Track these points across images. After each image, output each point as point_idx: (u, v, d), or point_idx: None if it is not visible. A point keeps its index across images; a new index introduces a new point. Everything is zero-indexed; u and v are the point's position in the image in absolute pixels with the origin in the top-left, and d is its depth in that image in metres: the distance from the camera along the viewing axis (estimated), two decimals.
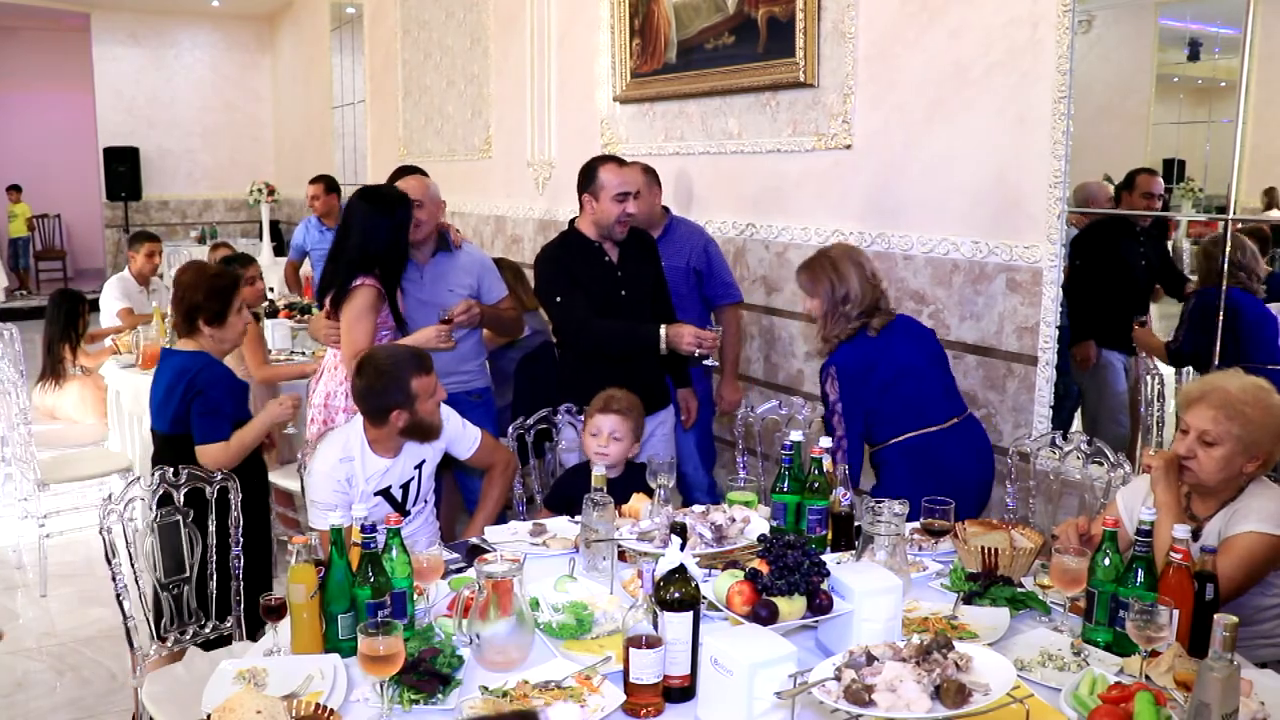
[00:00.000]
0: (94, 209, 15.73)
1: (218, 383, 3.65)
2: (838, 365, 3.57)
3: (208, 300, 3.70)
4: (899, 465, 3.60)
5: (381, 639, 2.11)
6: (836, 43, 4.83)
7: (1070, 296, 3.94)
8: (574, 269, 4.11)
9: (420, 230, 4.23)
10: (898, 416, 3.59)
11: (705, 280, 4.84)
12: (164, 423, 3.71)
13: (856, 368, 3.57)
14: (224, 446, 3.59)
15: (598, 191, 4.07)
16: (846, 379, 3.55)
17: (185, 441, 3.62)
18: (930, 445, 3.58)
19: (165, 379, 3.69)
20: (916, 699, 1.85)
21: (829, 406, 3.59)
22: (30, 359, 5.93)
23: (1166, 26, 4.04)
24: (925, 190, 4.47)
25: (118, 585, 2.98)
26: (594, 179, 4.08)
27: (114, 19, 14.82)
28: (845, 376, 3.55)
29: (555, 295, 4.10)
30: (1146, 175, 3.88)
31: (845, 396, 3.54)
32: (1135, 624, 2.16)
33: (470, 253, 4.52)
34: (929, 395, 3.64)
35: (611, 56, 6.48)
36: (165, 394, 3.68)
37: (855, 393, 3.55)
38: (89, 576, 4.88)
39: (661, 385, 4.32)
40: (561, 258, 4.15)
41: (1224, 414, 2.61)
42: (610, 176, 4.06)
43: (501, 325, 4.62)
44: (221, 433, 3.61)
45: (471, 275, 4.40)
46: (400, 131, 10.03)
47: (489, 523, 3.45)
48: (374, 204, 4.02)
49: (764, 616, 2.25)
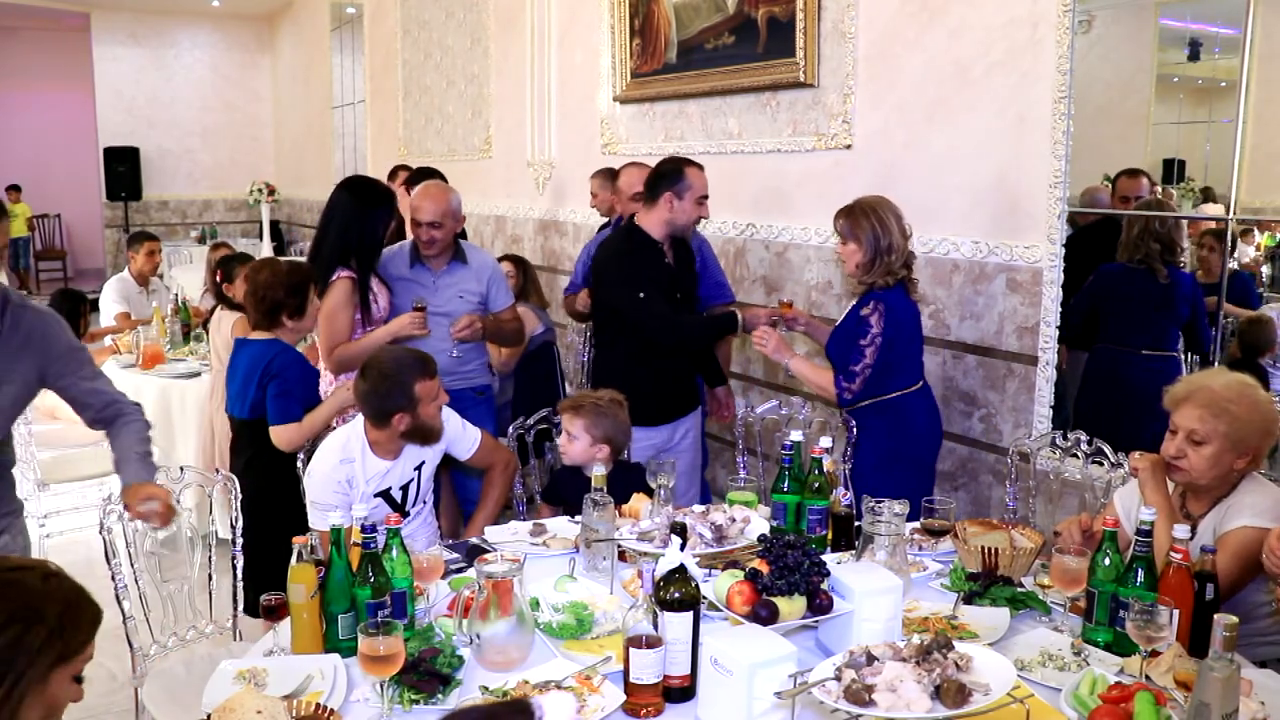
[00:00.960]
0: (94, 209, 15.73)
1: (292, 366, 3.79)
2: (888, 303, 3.61)
3: (289, 296, 3.83)
4: (877, 424, 3.73)
5: (382, 639, 2.11)
6: (836, 42, 4.83)
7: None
8: (645, 266, 4.15)
9: (434, 247, 4.25)
10: (894, 376, 3.68)
11: (700, 281, 4.77)
12: (243, 408, 3.86)
13: (902, 315, 3.64)
14: (297, 427, 3.72)
15: (683, 191, 4.10)
16: (891, 319, 3.60)
17: (261, 425, 3.76)
18: (907, 404, 3.71)
19: (243, 367, 3.84)
20: (917, 699, 1.85)
21: (865, 335, 3.60)
22: None
23: (1167, 26, 4.04)
24: (925, 190, 4.47)
25: (117, 585, 2.98)
26: (681, 179, 4.11)
27: (114, 19, 14.82)
28: (891, 317, 3.60)
29: (638, 291, 4.08)
30: (1126, 178, 3.91)
31: (885, 333, 3.59)
32: (1135, 624, 2.16)
33: (481, 259, 4.51)
34: (916, 358, 3.79)
35: (612, 56, 6.48)
36: (243, 381, 3.83)
37: (891, 335, 3.60)
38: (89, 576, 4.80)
39: (692, 386, 4.34)
40: (636, 253, 4.17)
41: (1210, 412, 2.62)
42: (696, 179, 4.14)
43: (503, 337, 4.60)
44: (294, 414, 3.73)
45: (481, 283, 4.40)
46: (400, 131, 10.04)
47: (489, 523, 3.44)
48: (357, 196, 4.17)
49: (764, 616, 2.24)
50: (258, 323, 3.87)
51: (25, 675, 1.66)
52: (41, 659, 1.68)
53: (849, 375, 3.62)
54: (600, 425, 3.44)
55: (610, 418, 3.46)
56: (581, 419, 3.44)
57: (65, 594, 1.76)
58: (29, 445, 5.09)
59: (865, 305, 3.63)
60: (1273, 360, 3.69)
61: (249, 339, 3.90)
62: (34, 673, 1.67)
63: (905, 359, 3.70)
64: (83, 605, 1.78)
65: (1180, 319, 3.87)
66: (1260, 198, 3.56)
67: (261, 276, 3.86)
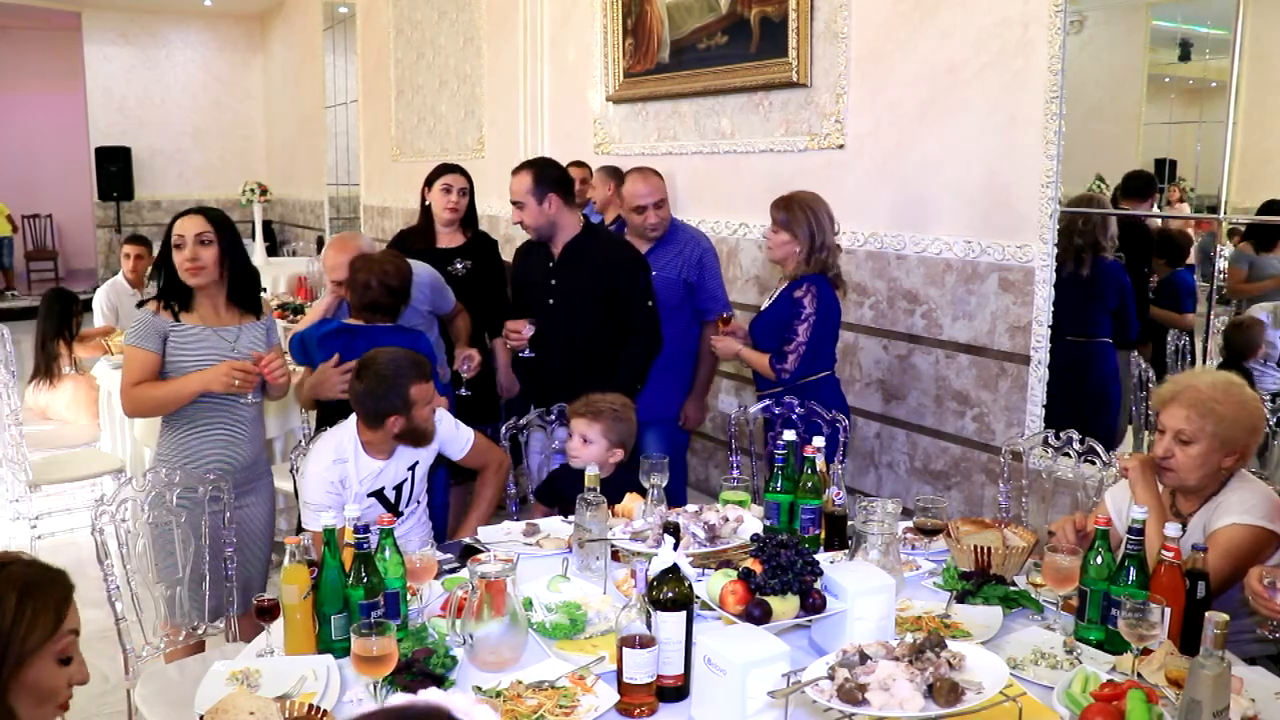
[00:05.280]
0: (86, 209, 15.68)
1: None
2: (820, 287, 3.90)
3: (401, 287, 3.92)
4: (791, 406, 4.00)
5: (375, 639, 2.11)
6: (829, 42, 4.84)
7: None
8: None
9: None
10: (817, 358, 3.97)
11: (697, 292, 4.64)
12: None
13: (830, 303, 3.93)
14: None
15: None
16: (823, 303, 3.89)
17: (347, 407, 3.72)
18: (825, 385, 4.03)
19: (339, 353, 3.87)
20: (909, 698, 1.86)
21: (800, 315, 3.88)
22: (21, 360, 5.91)
23: (1158, 27, 4.05)
24: (918, 190, 4.48)
25: (110, 586, 2.97)
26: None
27: (105, 18, 14.78)
28: (823, 300, 3.89)
29: (650, 299, 4.21)
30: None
31: (819, 312, 3.88)
32: (1127, 622, 2.17)
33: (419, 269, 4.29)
34: (831, 346, 4.09)
35: (604, 56, 6.48)
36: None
37: (822, 316, 3.89)
38: (80, 577, 4.78)
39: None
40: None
41: (1196, 412, 2.64)
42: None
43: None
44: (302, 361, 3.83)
45: (423, 295, 4.30)
46: (393, 131, 10.02)
47: (482, 523, 3.44)
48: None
49: (757, 616, 2.25)
50: (360, 312, 3.93)
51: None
52: (10, 651, 1.65)
53: (780, 355, 3.92)
54: (616, 430, 3.46)
55: (625, 422, 3.50)
56: (600, 424, 3.44)
57: (20, 579, 1.71)
58: (20, 446, 5.08)
59: (799, 288, 3.90)
60: (1262, 361, 3.71)
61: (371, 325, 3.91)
62: (5, 666, 1.64)
63: (823, 344, 3.99)
64: (42, 585, 1.73)
65: (1108, 308, 4.13)
66: (1250, 198, 3.58)
67: (359, 273, 3.91)
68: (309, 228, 13.57)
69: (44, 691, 1.71)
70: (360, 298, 3.89)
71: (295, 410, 5.22)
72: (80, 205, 16.00)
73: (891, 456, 4.74)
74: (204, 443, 3.40)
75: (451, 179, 4.74)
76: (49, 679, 1.71)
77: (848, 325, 4.87)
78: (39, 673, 1.69)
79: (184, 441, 3.40)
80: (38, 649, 1.69)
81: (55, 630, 1.72)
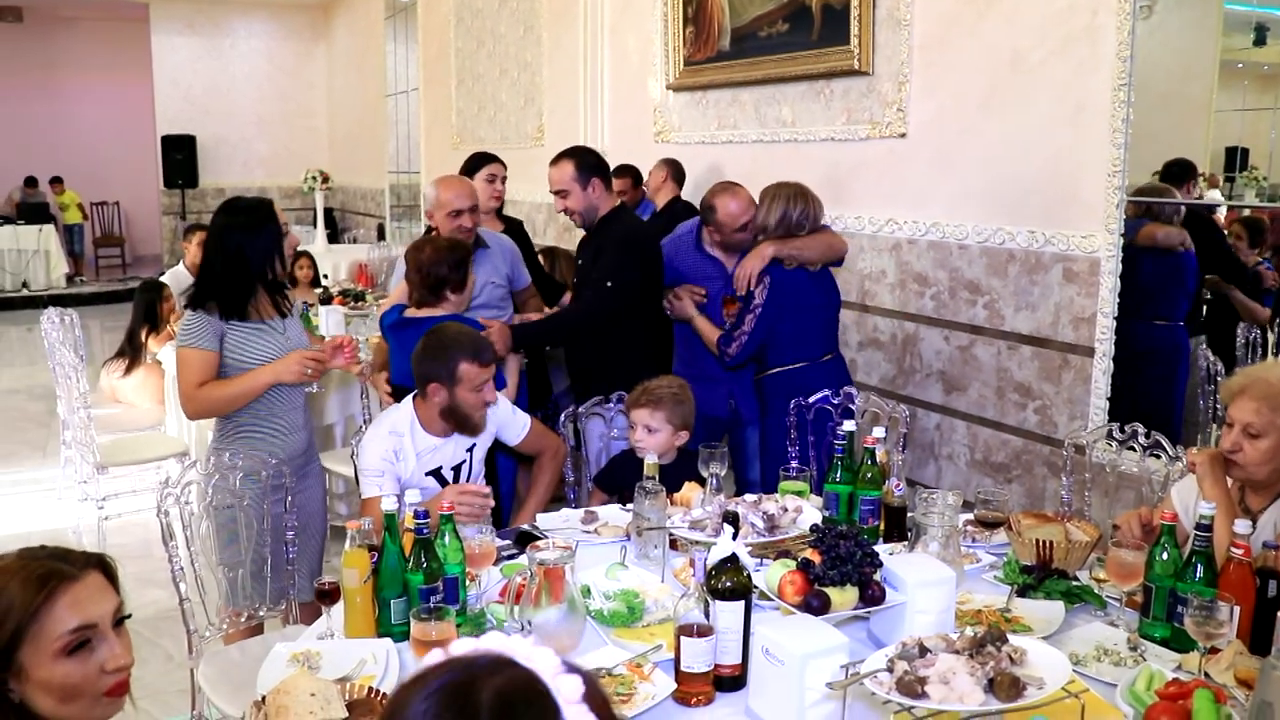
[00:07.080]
0: (152, 196, 15.98)
1: None
2: (775, 278, 3.97)
3: (452, 271, 3.89)
4: (778, 395, 4.03)
5: (434, 624, 2.13)
6: (891, 30, 4.79)
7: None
8: None
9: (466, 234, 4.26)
10: (789, 346, 4.03)
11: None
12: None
13: (788, 290, 3.98)
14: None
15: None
16: (776, 293, 3.95)
17: None
18: (806, 376, 4.02)
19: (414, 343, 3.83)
20: (970, 691, 1.83)
21: (748, 305, 3.99)
22: (89, 344, 6.03)
23: (1231, 11, 3.95)
24: (981, 179, 4.42)
25: (174, 567, 3.02)
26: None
27: (172, 9, 15.03)
28: (777, 290, 3.95)
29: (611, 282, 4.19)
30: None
31: (767, 305, 3.94)
32: (1194, 620, 2.12)
33: (497, 240, 4.49)
34: (815, 331, 4.11)
35: (664, 44, 6.46)
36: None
37: (775, 310, 3.95)
38: (146, 558, 4.95)
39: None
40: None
41: (1266, 405, 2.57)
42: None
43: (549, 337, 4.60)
44: None
45: (506, 263, 4.42)
46: (453, 119, 10.08)
47: (539, 509, 3.45)
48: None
49: (816, 606, 2.23)
50: (423, 299, 3.92)
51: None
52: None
53: (726, 339, 4.04)
54: (679, 413, 3.48)
55: (685, 403, 3.52)
56: (661, 410, 3.44)
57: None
58: (89, 429, 5.18)
59: (756, 280, 4.01)
60: None
61: (418, 316, 3.92)
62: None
63: (776, 338, 4.01)
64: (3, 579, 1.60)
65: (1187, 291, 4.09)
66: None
67: (425, 255, 3.92)
68: (370, 215, 13.71)
69: (56, 685, 1.59)
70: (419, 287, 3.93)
71: (356, 395, 5.28)
72: (147, 193, 16.31)
73: (952, 448, 4.69)
74: (262, 431, 3.45)
75: (496, 168, 4.81)
76: (61, 676, 1.59)
77: (908, 315, 4.83)
78: (39, 666, 1.58)
79: (242, 431, 3.45)
80: (17, 644, 1.58)
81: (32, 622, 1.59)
